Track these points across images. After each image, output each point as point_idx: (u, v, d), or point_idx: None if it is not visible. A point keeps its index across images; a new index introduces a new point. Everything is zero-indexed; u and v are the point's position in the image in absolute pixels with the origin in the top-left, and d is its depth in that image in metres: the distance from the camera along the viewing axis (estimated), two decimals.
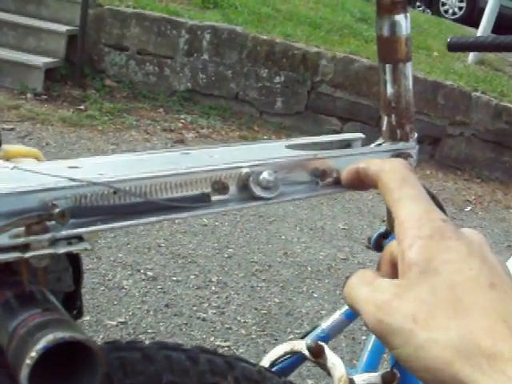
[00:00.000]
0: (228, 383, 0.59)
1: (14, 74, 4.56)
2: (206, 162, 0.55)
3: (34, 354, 0.40)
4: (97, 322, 2.23)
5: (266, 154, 0.59)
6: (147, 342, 0.57)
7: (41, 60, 4.64)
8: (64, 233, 0.45)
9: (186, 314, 2.40)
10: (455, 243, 0.37)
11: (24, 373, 0.40)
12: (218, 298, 2.56)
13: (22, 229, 0.43)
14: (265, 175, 0.53)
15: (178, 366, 0.56)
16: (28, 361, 0.40)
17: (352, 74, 4.94)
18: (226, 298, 2.57)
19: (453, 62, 5.88)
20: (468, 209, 4.37)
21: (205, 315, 2.43)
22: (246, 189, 0.54)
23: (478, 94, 5.07)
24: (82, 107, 4.57)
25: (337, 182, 0.60)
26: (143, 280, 2.57)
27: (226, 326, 2.39)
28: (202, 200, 0.51)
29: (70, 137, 4.06)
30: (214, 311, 2.47)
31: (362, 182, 0.48)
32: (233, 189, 0.53)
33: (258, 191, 0.53)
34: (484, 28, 5.96)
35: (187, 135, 4.50)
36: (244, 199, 0.54)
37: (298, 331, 2.46)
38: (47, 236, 0.44)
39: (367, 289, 0.39)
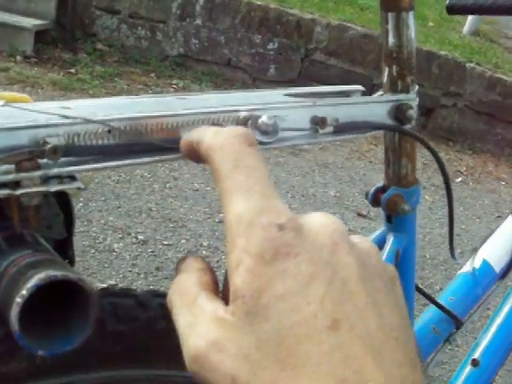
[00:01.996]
0: None
1: (3, 35, 4.48)
2: (203, 105, 0.53)
3: (24, 292, 0.38)
4: None
5: (264, 100, 0.58)
6: (141, 290, 0.56)
7: (31, 22, 4.56)
8: (56, 170, 0.43)
9: None
10: (293, 262, 0.28)
11: (14, 312, 0.38)
12: (208, 262, 2.56)
13: (12, 166, 0.42)
14: (264, 119, 0.52)
15: None
16: (18, 299, 0.38)
17: (346, 41, 4.89)
18: (217, 262, 2.57)
19: (448, 32, 5.83)
20: (459, 180, 4.37)
21: None
22: None
23: (472, 65, 5.03)
24: (72, 71, 4.51)
25: (336, 131, 0.59)
26: (134, 243, 2.56)
27: None
28: None
29: (60, 100, 4.01)
30: None
31: (198, 158, 0.37)
32: None
33: (256, 135, 0.51)
34: None
35: None
36: None
37: None
38: (38, 173, 0.42)
39: (186, 317, 0.31)
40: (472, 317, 1.02)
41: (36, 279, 0.39)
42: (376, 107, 0.63)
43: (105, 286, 0.60)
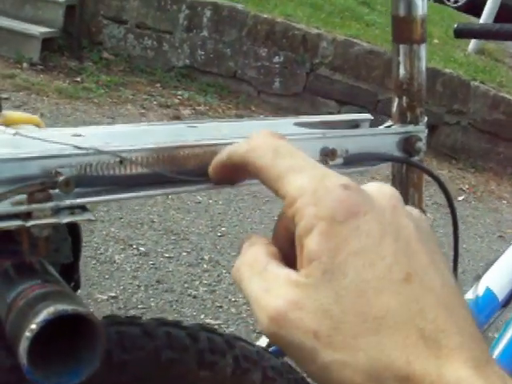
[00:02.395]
0: (227, 362, 0.58)
1: (10, 42, 4.50)
2: (214, 135, 0.53)
3: (34, 326, 0.38)
4: (87, 295, 2.22)
5: (274, 130, 0.58)
6: (147, 318, 0.56)
7: (38, 29, 4.58)
8: (68, 202, 0.43)
9: (177, 291, 2.39)
10: (364, 220, 0.30)
11: (23, 346, 0.38)
12: (209, 275, 2.56)
13: (24, 196, 0.42)
14: None
15: (178, 343, 0.55)
16: (28, 333, 0.38)
17: (352, 57, 4.90)
18: (218, 276, 2.57)
19: (453, 51, 5.84)
20: (461, 198, 4.37)
21: (196, 292, 2.42)
22: None
23: (476, 83, 5.04)
24: (78, 79, 4.52)
25: (346, 163, 0.59)
26: (135, 255, 2.56)
27: (217, 304, 2.39)
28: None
29: (65, 108, 4.02)
30: (205, 289, 2.46)
31: (232, 176, 0.39)
32: None
33: None
34: (486, 17, 5.92)
35: (184, 111, 4.47)
36: None
37: None
38: (50, 204, 0.42)
39: (258, 283, 0.32)
40: None
41: (45, 313, 0.39)
42: (385, 139, 0.64)
43: (111, 314, 0.60)
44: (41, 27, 4.63)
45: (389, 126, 0.69)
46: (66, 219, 0.43)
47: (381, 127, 0.68)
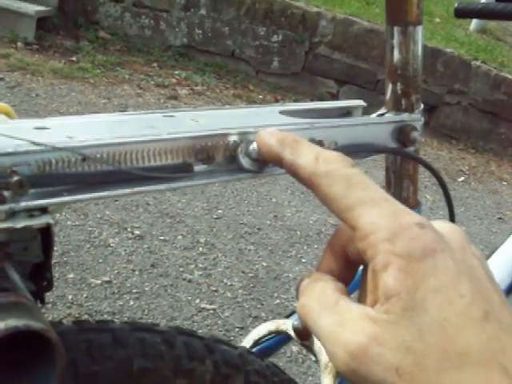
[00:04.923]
0: (206, 368, 0.54)
1: (4, 21, 4.42)
2: (191, 127, 0.49)
3: None
4: (81, 280, 2.19)
5: (257, 120, 0.54)
6: (119, 322, 0.52)
7: (33, 8, 4.51)
8: (24, 204, 0.39)
9: (171, 275, 2.36)
10: (440, 258, 0.30)
11: None
12: (205, 259, 2.52)
13: None
14: (255, 146, 0.48)
15: (152, 349, 0.51)
16: None
17: (351, 36, 4.83)
18: (214, 259, 2.54)
19: (454, 30, 5.76)
20: (461, 179, 4.33)
21: (191, 277, 2.39)
22: (233, 160, 0.48)
23: (477, 63, 4.97)
24: (73, 59, 4.46)
25: None
26: (130, 239, 2.52)
27: (212, 288, 2.36)
28: (182, 170, 0.46)
29: (60, 89, 3.96)
30: (201, 273, 2.43)
31: (279, 164, 0.38)
32: (219, 159, 0.48)
33: (246, 163, 0.48)
34: None
35: (181, 91, 4.41)
36: (231, 171, 0.49)
37: (285, 296, 2.43)
38: (4, 207, 0.38)
39: (330, 318, 0.32)
40: None
41: None
42: (378, 128, 0.59)
43: (80, 320, 0.56)
44: (36, 6, 4.56)
45: (382, 114, 0.65)
46: (21, 223, 0.39)
47: (373, 115, 0.64)
